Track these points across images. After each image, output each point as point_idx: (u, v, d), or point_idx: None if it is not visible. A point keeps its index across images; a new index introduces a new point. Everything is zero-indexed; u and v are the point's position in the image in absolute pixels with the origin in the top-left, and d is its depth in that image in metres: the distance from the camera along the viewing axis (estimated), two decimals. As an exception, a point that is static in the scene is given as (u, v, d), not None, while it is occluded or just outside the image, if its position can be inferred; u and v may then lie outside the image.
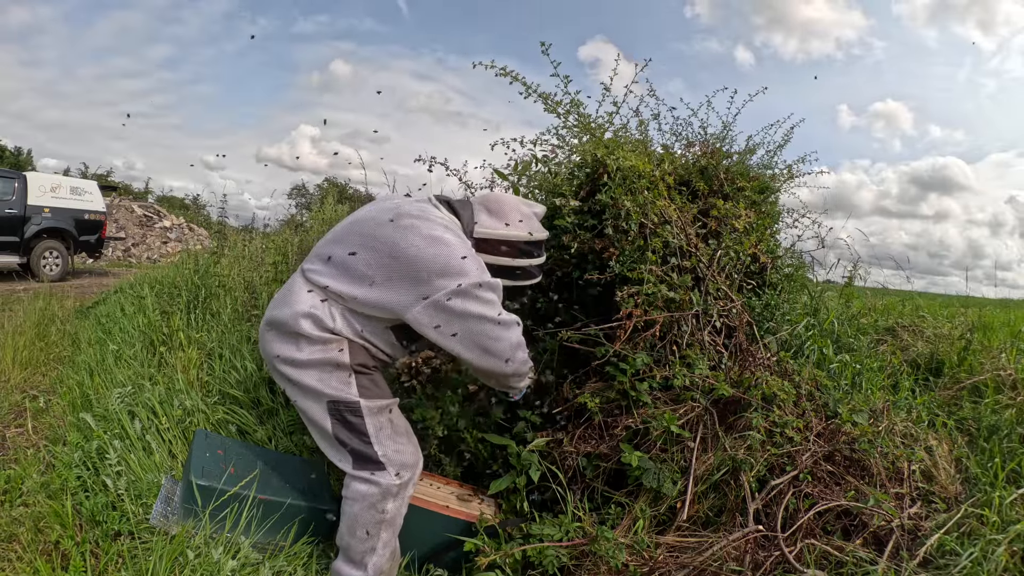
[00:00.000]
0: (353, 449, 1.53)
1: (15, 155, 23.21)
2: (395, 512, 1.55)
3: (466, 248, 1.54)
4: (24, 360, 3.32)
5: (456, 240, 1.53)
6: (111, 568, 1.50)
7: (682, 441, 1.77)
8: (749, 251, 2.26)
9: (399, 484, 1.53)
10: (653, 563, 1.46)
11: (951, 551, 1.41)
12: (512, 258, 1.72)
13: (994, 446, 2.00)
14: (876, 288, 3.83)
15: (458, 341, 1.51)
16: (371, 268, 1.51)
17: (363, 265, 1.52)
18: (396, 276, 1.50)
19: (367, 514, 1.52)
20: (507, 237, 1.70)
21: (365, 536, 1.52)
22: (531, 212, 1.77)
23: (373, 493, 1.51)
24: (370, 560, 1.52)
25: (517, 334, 1.59)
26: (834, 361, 2.34)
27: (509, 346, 1.56)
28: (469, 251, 1.54)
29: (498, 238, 1.70)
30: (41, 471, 1.97)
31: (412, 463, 1.58)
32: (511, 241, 1.71)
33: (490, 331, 1.52)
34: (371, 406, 1.54)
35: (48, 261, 8.88)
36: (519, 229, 1.72)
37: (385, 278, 1.50)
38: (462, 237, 1.58)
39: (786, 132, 2.85)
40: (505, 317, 1.56)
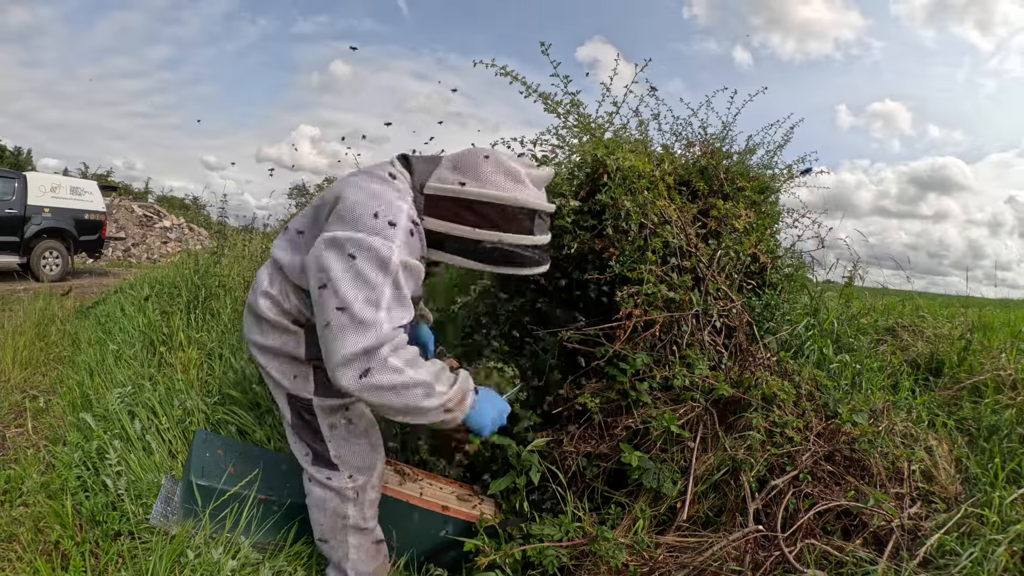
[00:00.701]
0: (310, 446, 1.45)
1: (15, 155, 23.21)
2: (359, 517, 1.45)
3: (395, 207, 1.22)
4: (24, 360, 3.32)
5: (389, 194, 1.24)
6: (111, 568, 1.50)
7: (682, 441, 1.77)
8: (749, 251, 2.26)
9: (353, 487, 1.43)
10: (653, 563, 1.46)
11: (951, 551, 1.41)
12: (478, 228, 1.27)
13: (994, 446, 2.00)
14: (876, 288, 3.83)
15: (314, 300, 1.20)
16: (301, 226, 1.39)
17: (299, 225, 1.40)
18: (314, 230, 1.31)
19: (329, 521, 1.46)
20: (470, 197, 1.27)
21: (335, 544, 1.47)
22: (524, 172, 1.31)
23: (330, 498, 1.44)
24: (347, 564, 1.48)
25: (367, 341, 1.12)
26: (834, 361, 2.34)
27: (345, 347, 1.12)
28: (398, 211, 1.21)
29: (454, 196, 1.27)
30: (41, 471, 1.97)
31: (366, 466, 1.45)
32: (479, 203, 1.27)
33: (336, 313, 1.13)
34: (324, 405, 1.42)
35: (48, 261, 8.88)
36: (496, 189, 1.27)
37: (309, 236, 1.33)
38: (402, 191, 1.27)
39: (786, 132, 2.85)
40: (365, 314, 1.12)
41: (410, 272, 1.21)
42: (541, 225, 1.33)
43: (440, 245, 1.32)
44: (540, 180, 1.35)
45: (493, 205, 1.27)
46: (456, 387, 1.24)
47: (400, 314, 1.17)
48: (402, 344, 1.16)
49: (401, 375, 1.13)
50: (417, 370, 1.16)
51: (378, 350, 1.12)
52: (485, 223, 1.28)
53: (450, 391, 1.22)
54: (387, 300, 1.15)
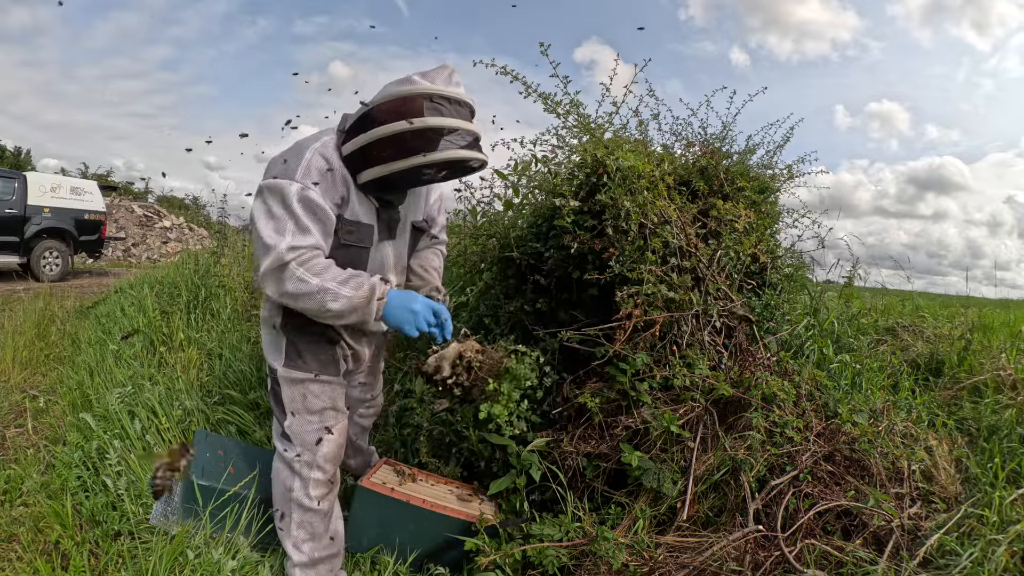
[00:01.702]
0: (277, 418, 1.55)
1: (15, 155, 23.22)
2: (302, 493, 1.50)
3: (301, 151, 1.39)
4: (24, 360, 3.32)
5: (302, 143, 1.42)
6: (111, 568, 1.50)
7: (682, 441, 1.77)
8: (749, 251, 2.26)
9: (299, 462, 1.50)
10: (653, 563, 1.46)
11: (951, 551, 1.41)
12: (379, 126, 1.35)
13: (994, 446, 2.00)
14: (876, 288, 3.83)
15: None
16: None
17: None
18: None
19: (279, 490, 1.54)
20: (370, 107, 1.38)
21: (280, 516, 1.53)
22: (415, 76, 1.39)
23: (282, 468, 1.53)
24: (289, 542, 1.51)
25: (271, 259, 1.31)
26: (834, 361, 2.34)
27: (261, 267, 1.34)
28: (300, 154, 1.38)
29: (359, 116, 1.40)
30: (41, 471, 1.97)
31: (311, 443, 1.50)
32: (377, 110, 1.37)
33: (257, 244, 1.36)
34: (287, 376, 1.51)
35: (48, 261, 8.88)
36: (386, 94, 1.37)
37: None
38: (319, 137, 1.44)
39: (786, 132, 2.85)
40: (270, 239, 1.32)
41: (310, 208, 1.35)
42: (442, 110, 1.36)
43: (365, 163, 1.40)
44: (433, 76, 1.40)
45: (389, 102, 1.35)
46: (364, 289, 1.37)
47: (302, 239, 1.33)
48: (309, 259, 1.33)
49: (307, 283, 1.33)
50: (323, 277, 1.34)
51: (287, 265, 1.32)
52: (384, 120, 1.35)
53: (356, 293, 1.36)
54: (290, 228, 1.33)
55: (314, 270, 1.33)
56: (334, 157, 1.41)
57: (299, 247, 1.32)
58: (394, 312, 1.40)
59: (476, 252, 2.65)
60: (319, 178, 1.37)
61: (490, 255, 2.56)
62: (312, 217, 1.35)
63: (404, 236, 1.65)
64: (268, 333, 1.57)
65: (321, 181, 1.37)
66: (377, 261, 1.58)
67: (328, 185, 1.39)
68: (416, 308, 1.43)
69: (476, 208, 2.68)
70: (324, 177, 1.38)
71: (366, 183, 1.42)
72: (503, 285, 2.50)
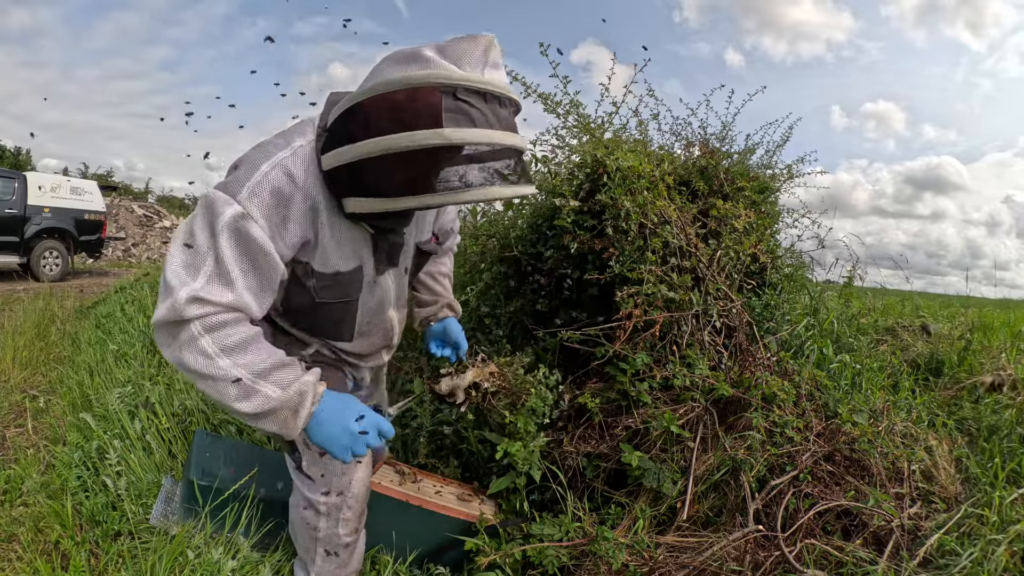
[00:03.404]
0: (287, 453, 1.36)
1: (15, 155, 23.22)
2: (331, 533, 1.34)
3: (260, 158, 0.98)
4: (24, 360, 3.32)
5: (270, 142, 1.02)
6: (111, 568, 1.50)
7: (682, 441, 1.76)
8: (749, 251, 2.26)
9: (326, 504, 1.31)
10: (653, 563, 1.46)
11: (951, 551, 1.41)
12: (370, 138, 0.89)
13: (994, 446, 2.00)
14: (875, 288, 3.84)
15: None
16: None
17: None
18: None
19: (300, 528, 1.37)
20: (361, 100, 0.91)
21: (303, 546, 1.39)
22: (429, 52, 0.87)
23: (301, 506, 1.35)
24: (312, 569, 1.39)
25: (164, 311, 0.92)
26: (834, 361, 2.34)
27: (156, 313, 0.95)
28: (257, 164, 0.97)
29: (347, 107, 0.94)
30: (41, 471, 1.97)
31: (343, 485, 1.31)
32: (371, 104, 0.89)
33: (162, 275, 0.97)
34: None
35: (48, 261, 8.88)
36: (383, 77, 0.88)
37: None
38: (290, 138, 1.02)
39: (785, 131, 2.86)
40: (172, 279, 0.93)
41: (244, 247, 0.94)
42: (472, 115, 0.86)
43: (353, 187, 0.98)
44: (459, 52, 0.87)
45: (387, 96, 0.87)
46: (291, 391, 0.98)
47: (218, 291, 0.93)
48: (221, 326, 0.94)
49: (211, 363, 0.93)
50: (235, 361, 0.94)
51: (186, 325, 0.92)
52: (378, 125, 0.88)
53: (280, 394, 0.97)
54: (206, 269, 0.93)
55: (224, 344, 0.94)
56: (304, 172, 0.99)
57: (209, 303, 0.92)
58: (324, 430, 1.03)
59: (476, 252, 2.65)
60: (271, 206, 0.96)
61: (490, 255, 2.56)
62: (244, 262, 0.95)
63: (407, 260, 1.30)
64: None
65: (273, 212, 0.96)
66: (373, 305, 1.25)
67: (282, 218, 0.97)
68: (353, 428, 1.04)
69: (476, 208, 2.68)
70: (280, 205, 0.97)
71: (358, 216, 1.05)
72: (503, 285, 2.50)
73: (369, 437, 1.06)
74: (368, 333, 1.31)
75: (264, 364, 0.98)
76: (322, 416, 1.04)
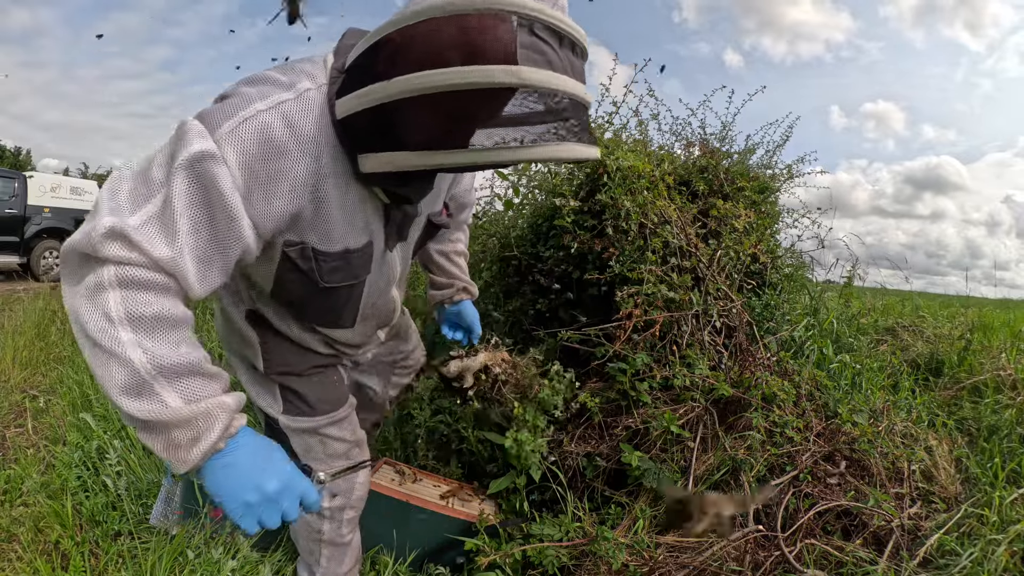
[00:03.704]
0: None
1: (15, 155, 23.23)
2: (334, 533, 1.31)
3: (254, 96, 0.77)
4: (24, 360, 3.32)
5: (267, 89, 0.78)
6: (111, 568, 1.50)
7: (682, 441, 1.77)
8: (749, 251, 2.26)
9: (329, 508, 1.28)
10: (653, 563, 1.46)
11: (951, 551, 1.41)
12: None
13: (994, 446, 2.00)
14: (875, 288, 3.84)
15: None
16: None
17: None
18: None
19: (303, 531, 1.34)
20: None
21: (307, 548, 1.36)
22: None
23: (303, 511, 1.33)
24: (317, 570, 1.38)
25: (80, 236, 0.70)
26: (834, 361, 2.34)
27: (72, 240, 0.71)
28: (251, 108, 0.75)
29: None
30: (41, 471, 1.97)
31: (345, 488, 1.28)
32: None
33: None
34: (293, 426, 1.21)
35: (48, 261, 8.88)
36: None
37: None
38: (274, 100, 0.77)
39: (785, 131, 2.86)
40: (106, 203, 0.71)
41: (204, 195, 0.72)
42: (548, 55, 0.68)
43: (375, 139, 0.79)
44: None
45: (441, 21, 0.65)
46: (195, 408, 0.71)
47: (153, 240, 0.70)
48: (141, 285, 0.69)
49: (107, 330, 0.68)
50: (139, 340, 0.68)
51: (99, 267, 0.69)
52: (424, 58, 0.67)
53: (183, 408, 0.70)
54: (149, 208, 0.71)
55: (135, 312, 0.69)
56: (309, 124, 0.78)
57: (137, 248, 0.69)
58: (228, 481, 0.75)
59: (476, 252, 2.66)
60: (256, 156, 0.74)
61: (490, 255, 2.57)
62: (198, 215, 0.72)
63: (416, 234, 1.13)
64: (245, 370, 1.18)
65: (257, 164, 0.75)
66: (381, 284, 1.10)
67: (268, 176, 0.76)
68: (269, 491, 0.76)
69: (475, 210, 2.68)
70: (269, 157, 0.75)
71: (376, 177, 0.85)
72: (503, 285, 2.50)
73: (286, 507, 0.78)
74: (371, 316, 1.17)
75: (175, 360, 0.70)
76: (230, 459, 0.75)
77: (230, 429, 0.75)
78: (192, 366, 0.73)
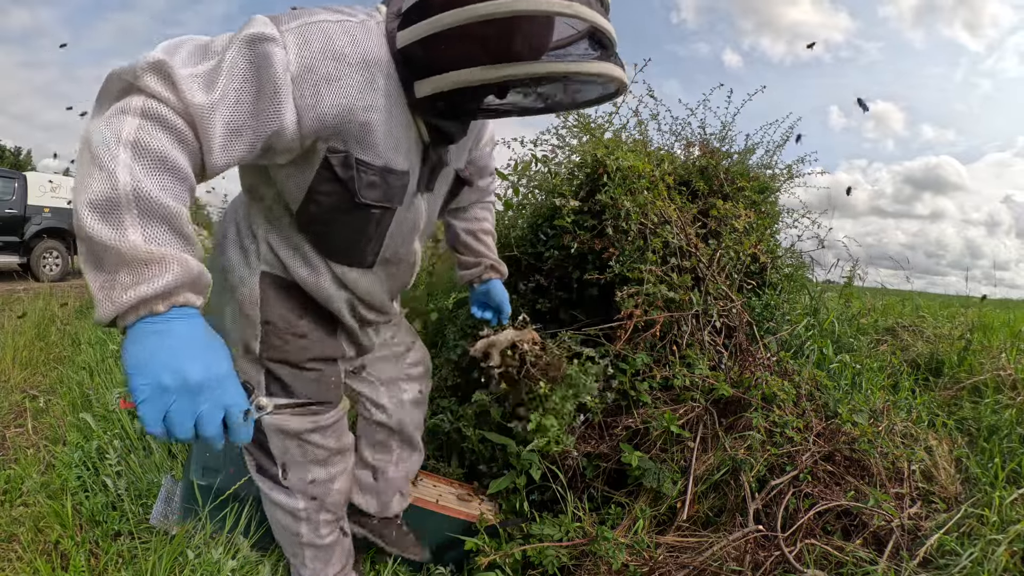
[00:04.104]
0: (259, 460, 1.27)
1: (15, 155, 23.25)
2: (313, 535, 1.27)
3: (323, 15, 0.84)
4: (24, 360, 3.32)
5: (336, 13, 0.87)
6: (111, 568, 1.50)
7: (682, 441, 1.77)
8: (749, 251, 2.26)
9: (305, 510, 1.23)
10: (653, 563, 1.46)
11: (951, 551, 1.41)
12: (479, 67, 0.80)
13: (994, 446, 2.00)
14: (875, 288, 3.84)
15: None
16: None
17: None
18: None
19: (281, 534, 1.32)
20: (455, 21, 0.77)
21: (290, 551, 1.34)
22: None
23: (278, 514, 1.27)
24: (305, 573, 1.34)
25: (126, 70, 0.71)
26: (834, 361, 2.34)
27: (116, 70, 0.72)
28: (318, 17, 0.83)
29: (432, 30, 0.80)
30: (41, 471, 1.97)
31: (320, 493, 1.24)
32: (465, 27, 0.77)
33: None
34: (274, 425, 1.16)
35: (48, 261, 8.89)
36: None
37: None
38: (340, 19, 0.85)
39: (785, 131, 2.86)
40: (160, 50, 0.72)
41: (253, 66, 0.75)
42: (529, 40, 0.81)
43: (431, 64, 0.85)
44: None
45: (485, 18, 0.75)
46: (147, 248, 0.64)
47: (192, 84, 0.71)
48: (160, 121, 0.69)
49: (109, 144, 0.66)
50: (131, 166, 0.65)
51: (130, 96, 0.69)
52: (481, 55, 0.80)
53: (132, 241, 0.64)
54: (201, 65, 0.73)
55: (142, 140, 0.67)
56: (369, 44, 0.85)
57: (174, 86, 0.70)
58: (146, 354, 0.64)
59: (476, 252, 2.65)
60: (316, 55, 0.79)
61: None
62: (242, 86, 0.75)
63: (443, 188, 1.15)
64: (237, 357, 1.12)
65: (316, 62, 0.79)
66: (405, 228, 1.09)
67: (324, 76, 0.81)
68: (194, 381, 0.65)
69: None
70: (328, 59, 0.81)
71: (426, 103, 0.89)
72: (503, 285, 2.50)
73: (204, 411, 0.66)
74: (391, 261, 1.14)
75: (156, 199, 0.66)
76: (163, 328, 0.65)
77: (178, 293, 0.66)
78: (169, 215, 0.67)
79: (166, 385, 0.64)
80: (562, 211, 2.11)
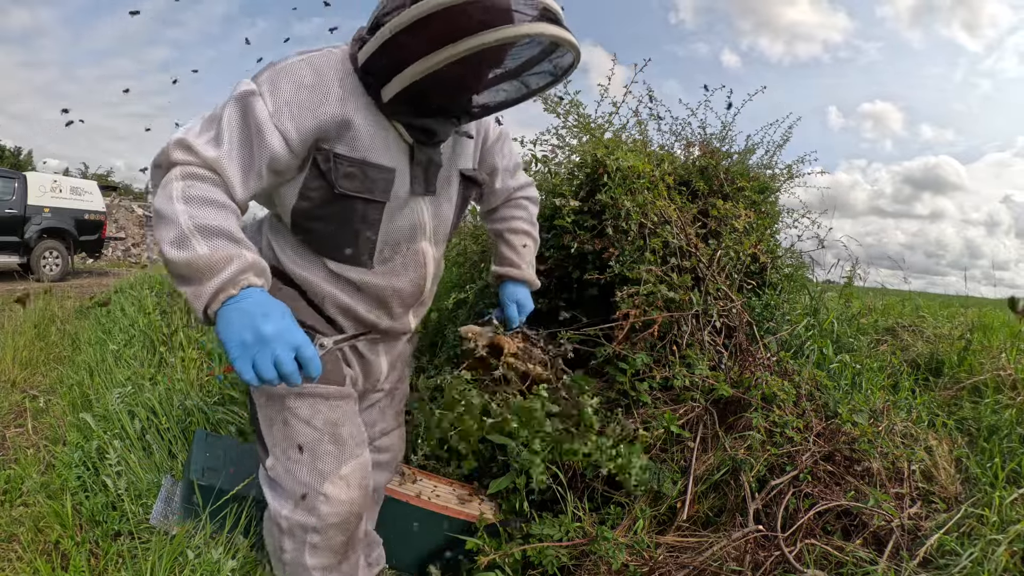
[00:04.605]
0: (259, 451, 1.22)
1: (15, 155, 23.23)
2: (295, 556, 1.13)
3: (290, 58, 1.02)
4: (24, 360, 3.32)
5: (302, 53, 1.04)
6: (111, 568, 1.50)
7: (682, 441, 1.77)
8: (749, 251, 2.26)
9: (287, 521, 1.11)
10: (653, 563, 1.46)
11: (951, 551, 1.41)
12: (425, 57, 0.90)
13: (994, 446, 2.00)
14: (875, 288, 3.84)
15: None
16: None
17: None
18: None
19: (269, 543, 1.24)
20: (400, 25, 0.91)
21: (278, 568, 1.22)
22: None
23: (267, 520, 1.20)
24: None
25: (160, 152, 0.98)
26: (834, 361, 2.34)
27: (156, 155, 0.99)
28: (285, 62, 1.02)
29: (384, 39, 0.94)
30: (41, 471, 1.97)
31: (302, 496, 1.09)
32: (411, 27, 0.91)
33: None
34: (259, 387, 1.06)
35: (48, 261, 8.89)
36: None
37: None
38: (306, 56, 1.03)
39: (785, 131, 2.86)
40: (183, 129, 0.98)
41: (244, 120, 0.97)
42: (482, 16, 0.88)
43: (389, 68, 0.96)
44: None
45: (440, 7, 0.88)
46: (218, 255, 0.87)
47: (205, 147, 0.95)
48: (196, 177, 0.93)
49: (169, 203, 0.90)
50: (188, 210, 0.89)
51: (170, 170, 0.94)
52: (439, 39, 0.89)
53: (206, 253, 0.86)
54: (207, 129, 0.98)
55: (189, 193, 0.90)
56: (332, 65, 1.02)
57: (194, 152, 0.94)
58: (232, 327, 0.85)
59: (477, 251, 2.66)
60: (287, 93, 0.98)
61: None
62: (238, 134, 0.97)
63: (449, 191, 1.19)
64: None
65: (289, 98, 0.97)
66: (405, 227, 1.12)
67: (297, 105, 0.98)
68: (266, 332, 0.84)
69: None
70: (297, 93, 0.98)
71: (396, 103, 0.99)
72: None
73: (279, 354, 0.84)
74: (391, 260, 1.14)
75: (211, 223, 0.89)
76: (239, 305, 0.86)
77: (243, 277, 0.88)
78: (222, 230, 0.90)
79: (247, 341, 0.84)
80: (562, 211, 2.11)
